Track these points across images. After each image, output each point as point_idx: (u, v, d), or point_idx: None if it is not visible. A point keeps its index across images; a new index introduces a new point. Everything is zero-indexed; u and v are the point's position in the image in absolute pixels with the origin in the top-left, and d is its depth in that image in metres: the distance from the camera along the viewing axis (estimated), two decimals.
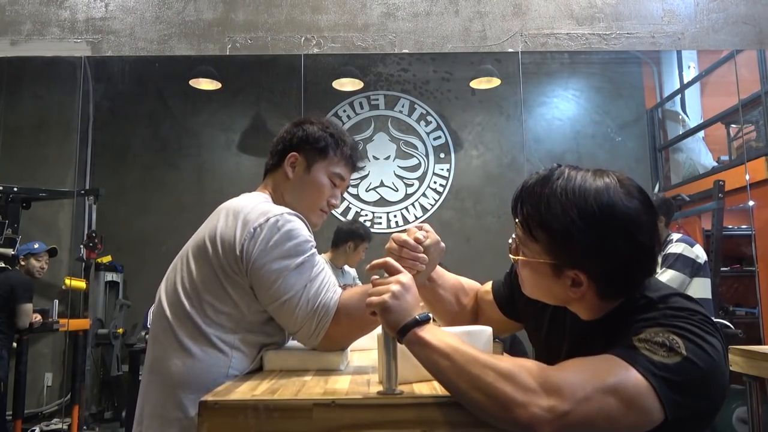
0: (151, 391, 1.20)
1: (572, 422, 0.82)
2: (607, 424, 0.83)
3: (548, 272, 0.99)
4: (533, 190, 0.98)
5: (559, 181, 0.96)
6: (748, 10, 3.80)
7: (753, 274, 4.09)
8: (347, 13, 3.80)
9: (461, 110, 5.30)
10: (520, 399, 0.81)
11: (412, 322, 0.91)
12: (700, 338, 0.88)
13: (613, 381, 0.84)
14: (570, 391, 0.82)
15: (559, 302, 1.05)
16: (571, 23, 3.80)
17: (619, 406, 0.83)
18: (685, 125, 5.18)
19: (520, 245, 1.02)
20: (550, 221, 0.95)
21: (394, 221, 5.20)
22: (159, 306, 1.24)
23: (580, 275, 0.96)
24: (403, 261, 1.15)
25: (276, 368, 1.19)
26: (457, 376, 0.86)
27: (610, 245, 0.93)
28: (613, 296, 0.99)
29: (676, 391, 0.85)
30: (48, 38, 3.77)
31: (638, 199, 0.95)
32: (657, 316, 0.93)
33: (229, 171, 5.16)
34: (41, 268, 4.28)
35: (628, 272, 0.96)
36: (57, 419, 4.67)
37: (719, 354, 0.89)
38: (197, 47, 3.77)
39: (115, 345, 4.86)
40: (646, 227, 0.94)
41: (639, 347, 0.87)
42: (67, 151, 4.93)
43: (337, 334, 1.19)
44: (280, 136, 1.41)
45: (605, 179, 0.95)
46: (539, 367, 0.86)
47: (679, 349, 0.87)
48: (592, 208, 0.93)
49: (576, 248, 0.94)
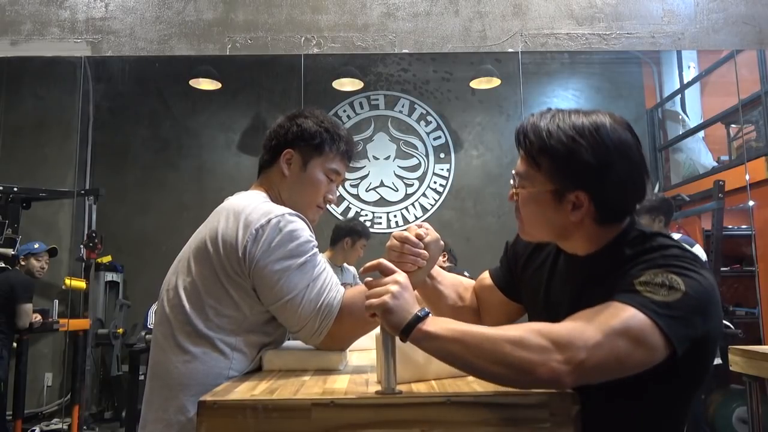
0: (153, 395, 1.20)
1: (589, 368, 0.88)
2: (619, 364, 0.90)
3: (549, 200, 1.06)
4: (534, 122, 1.07)
5: (558, 114, 1.06)
6: (748, 10, 3.80)
7: (753, 274, 4.09)
8: (347, 13, 3.80)
9: (461, 110, 5.30)
10: (537, 359, 0.87)
11: (415, 320, 0.92)
12: (695, 272, 0.97)
13: (620, 324, 0.90)
14: (582, 341, 0.88)
15: (558, 234, 1.11)
16: (571, 23, 3.80)
17: (629, 346, 0.89)
18: (685, 125, 5.18)
19: (522, 181, 1.09)
20: (554, 145, 1.03)
21: (394, 221, 5.20)
22: (161, 309, 1.24)
23: (581, 196, 1.03)
24: (404, 257, 1.18)
25: (275, 368, 1.19)
26: (473, 356, 0.89)
27: (608, 161, 1.01)
28: (610, 220, 1.07)
29: (680, 325, 0.92)
30: (48, 38, 3.77)
31: (628, 131, 1.06)
32: (655, 257, 1.00)
33: (229, 171, 5.16)
34: (41, 268, 4.28)
35: (625, 192, 1.05)
36: (57, 419, 4.68)
37: (711, 283, 0.98)
38: (197, 47, 3.77)
39: (115, 345, 4.86)
40: (637, 151, 1.05)
41: (641, 290, 0.94)
42: (67, 151, 4.93)
43: (339, 333, 1.19)
44: (273, 131, 1.39)
45: (598, 114, 1.06)
46: (546, 326, 0.91)
47: (679, 286, 0.94)
48: (590, 129, 1.02)
49: (578, 166, 1.02)
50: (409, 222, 5.17)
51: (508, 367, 0.88)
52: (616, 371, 0.91)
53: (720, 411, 4.06)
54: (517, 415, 0.89)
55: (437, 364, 1.00)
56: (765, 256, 4.07)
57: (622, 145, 1.03)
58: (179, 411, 1.14)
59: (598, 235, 1.08)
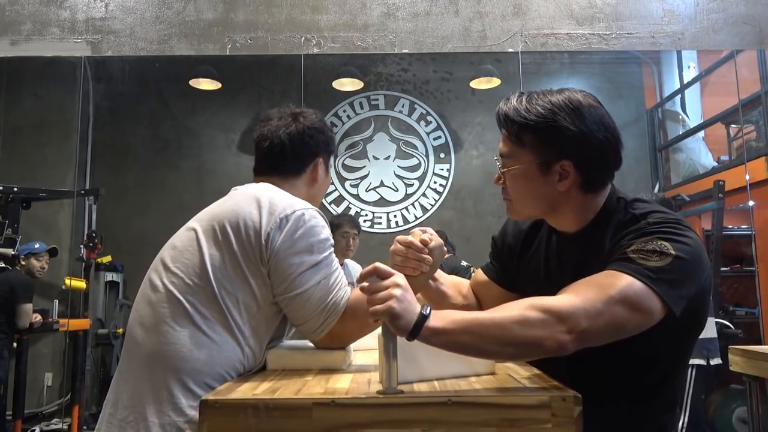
0: (154, 380, 1.13)
1: (591, 335, 0.95)
2: (618, 329, 0.97)
3: (536, 173, 1.12)
4: (512, 103, 1.15)
5: (533, 95, 1.14)
6: (748, 10, 3.80)
7: (753, 274, 4.09)
8: (347, 13, 3.80)
9: (461, 110, 5.30)
10: (543, 334, 0.93)
11: (421, 319, 0.92)
12: (682, 236, 1.04)
13: (618, 292, 0.96)
14: (582, 310, 0.94)
15: (548, 207, 1.16)
16: (571, 23, 3.80)
17: (626, 312, 0.96)
18: (685, 125, 5.18)
19: (507, 160, 1.16)
20: (535, 119, 1.10)
21: (394, 221, 5.20)
22: (168, 294, 1.17)
23: (566, 165, 1.10)
24: (408, 261, 1.20)
25: (278, 367, 1.19)
26: (485, 344, 0.94)
27: (588, 128, 1.09)
28: (594, 187, 1.14)
29: (674, 287, 0.99)
30: (48, 38, 3.77)
31: (598, 103, 1.15)
32: (642, 226, 1.07)
33: (229, 171, 5.16)
34: (42, 268, 4.28)
35: (605, 157, 1.12)
36: (57, 419, 4.68)
37: (697, 242, 1.05)
38: (197, 47, 3.77)
39: (115, 345, 4.85)
40: (609, 119, 1.13)
41: (634, 258, 1.01)
42: (67, 151, 4.93)
43: (340, 332, 1.20)
44: (303, 142, 1.37)
45: (569, 90, 1.14)
46: (546, 300, 0.96)
47: (668, 250, 1.01)
48: (566, 101, 1.11)
49: (560, 136, 1.09)
50: (409, 222, 5.18)
51: (518, 347, 0.94)
52: (616, 335, 0.98)
53: (720, 411, 4.06)
54: (518, 415, 0.89)
55: (439, 364, 1.00)
56: (765, 256, 4.07)
57: (596, 113, 1.11)
58: (188, 395, 1.10)
59: (585, 204, 1.15)
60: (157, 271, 1.23)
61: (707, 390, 3.96)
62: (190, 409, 1.10)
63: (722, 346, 3.29)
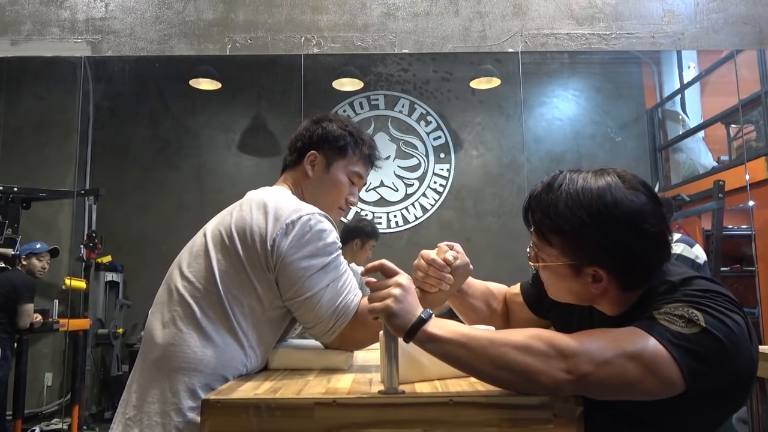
0: (159, 381, 1.15)
1: (592, 382, 0.86)
2: (626, 387, 0.87)
3: (568, 273, 1.02)
4: (540, 198, 1.02)
5: (563, 186, 1.00)
6: (748, 10, 3.80)
7: (753, 274, 4.09)
8: (347, 13, 3.80)
9: (461, 110, 5.30)
10: (540, 367, 0.87)
11: (419, 322, 0.92)
12: (721, 313, 0.90)
13: (632, 347, 0.87)
14: (589, 355, 0.86)
15: (584, 301, 1.08)
16: (571, 23, 3.80)
17: (639, 371, 0.86)
18: (685, 125, 5.18)
19: (538, 252, 1.05)
20: (561, 224, 0.99)
21: (394, 221, 5.20)
22: (179, 297, 1.19)
23: (599, 271, 0.99)
24: (428, 278, 1.18)
25: (280, 367, 1.20)
26: (478, 362, 0.89)
27: (621, 238, 0.96)
28: (634, 287, 1.02)
29: (695, 360, 0.87)
30: (48, 38, 3.77)
31: (642, 192, 0.98)
32: (678, 294, 0.96)
33: (229, 171, 5.16)
34: (42, 268, 4.28)
35: (644, 262, 0.99)
36: (57, 419, 4.67)
37: (742, 329, 0.90)
38: (197, 47, 3.77)
39: (115, 345, 4.85)
40: (652, 217, 0.97)
41: (658, 318, 0.91)
42: (67, 151, 4.93)
43: (350, 336, 1.20)
44: (299, 134, 1.42)
45: (606, 178, 0.99)
46: (555, 334, 0.90)
47: (698, 321, 0.89)
48: (598, 206, 0.96)
49: (589, 245, 0.98)
50: (409, 222, 5.18)
51: (511, 372, 0.88)
52: (622, 393, 0.89)
53: None
54: (519, 415, 0.89)
55: (440, 365, 1.00)
56: (765, 256, 4.07)
57: (634, 218, 0.96)
58: (187, 396, 1.11)
59: (624, 299, 1.04)
60: (173, 275, 1.26)
61: None
62: (191, 411, 1.11)
63: None
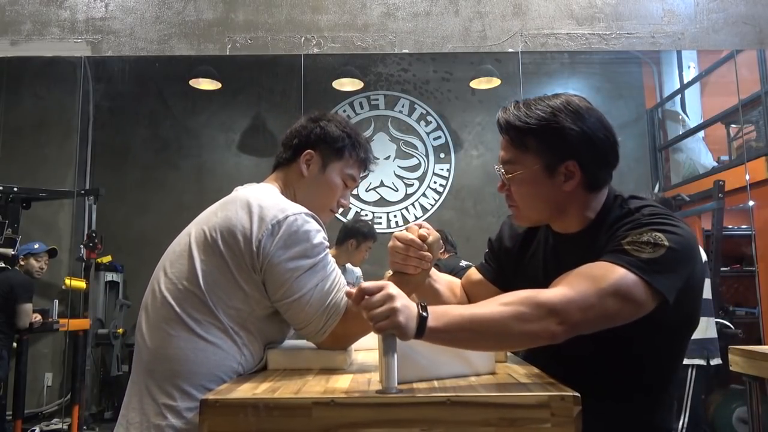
0: (150, 384, 1.16)
1: (582, 325, 1.00)
2: (609, 320, 1.01)
3: (542, 176, 1.14)
4: (513, 112, 1.17)
5: (530, 101, 1.17)
6: (748, 10, 3.80)
7: (753, 274, 4.09)
8: (347, 13, 3.80)
9: (461, 110, 5.30)
10: (537, 329, 0.97)
11: (423, 321, 0.93)
12: (674, 227, 1.07)
13: (611, 285, 1.00)
14: (575, 304, 0.98)
15: (555, 209, 1.18)
16: (571, 23, 3.80)
17: (618, 303, 1.00)
18: (685, 125, 5.18)
19: (511, 166, 1.17)
20: (537, 123, 1.13)
21: (394, 221, 5.20)
22: (162, 299, 1.19)
23: (571, 165, 1.13)
24: (409, 260, 1.20)
25: (279, 367, 1.19)
26: (483, 339, 0.99)
27: (592, 129, 1.13)
28: (598, 185, 1.17)
29: (667, 278, 1.03)
30: (48, 38, 3.77)
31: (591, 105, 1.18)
32: (637, 217, 1.10)
33: (229, 171, 5.17)
34: (40, 269, 4.28)
35: (606, 155, 1.15)
36: (57, 419, 4.68)
37: (689, 233, 1.09)
38: (197, 47, 3.77)
39: (115, 345, 4.86)
40: (605, 117, 1.17)
41: (628, 249, 1.04)
42: (67, 151, 4.93)
43: (342, 333, 1.19)
44: (296, 130, 1.39)
45: (563, 95, 1.18)
46: (541, 295, 1.00)
47: (662, 242, 1.04)
48: (565, 105, 1.14)
49: (564, 137, 1.12)
50: (409, 222, 5.17)
51: (515, 340, 1.01)
52: (606, 324, 1.02)
53: (720, 411, 4.06)
54: (517, 414, 0.89)
55: (438, 364, 1.00)
56: (765, 256, 4.07)
57: (594, 113, 1.15)
58: (181, 396, 1.11)
59: (588, 203, 1.18)
60: (158, 276, 1.24)
61: (707, 390, 3.96)
62: (188, 412, 1.11)
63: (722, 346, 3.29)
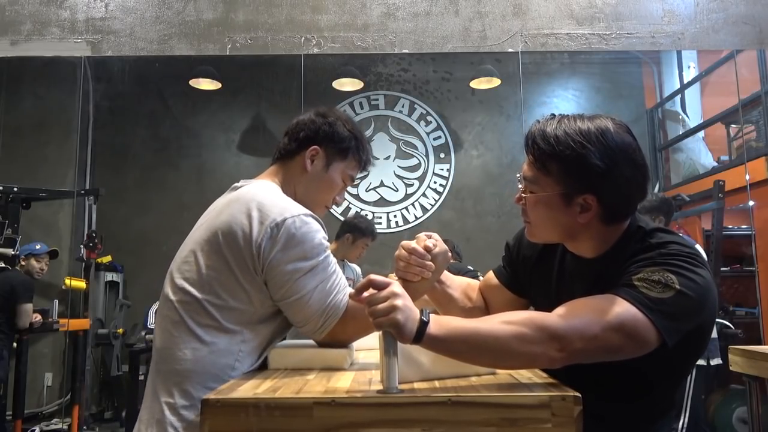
0: (158, 383, 1.19)
1: (581, 355, 0.98)
2: (609, 353, 1.00)
3: (559, 203, 1.11)
4: (542, 128, 1.12)
5: (564, 121, 1.11)
6: (748, 10, 3.80)
7: (753, 274, 4.09)
8: (347, 13, 3.80)
9: (461, 110, 5.30)
10: (537, 351, 0.96)
11: (423, 326, 0.93)
12: (691, 272, 1.03)
13: (615, 319, 0.98)
14: (578, 333, 0.97)
15: (566, 235, 1.16)
16: (571, 23, 3.80)
17: (621, 339, 0.98)
18: (685, 125, 5.18)
19: (531, 185, 1.14)
20: (563, 150, 1.08)
21: (394, 221, 5.20)
22: (167, 301, 1.22)
23: (589, 198, 1.09)
24: (410, 267, 1.21)
25: (280, 366, 1.20)
26: (480, 354, 0.98)
27: (615, 165, 1.07)
28: (616, 220, 1.13)
29: (670, 319, 1.00)
30: (48, 38, 3.77)
31: (629, 134, 1.12)
32: (653, 255, 1.07)
33: (229, 171, 5.16)
34: (41, 269, 4.28)
35: (629, 192, 1.11)
36: (57, 419, 4.67)
37: (708, 283, 1.05)
38: (197, 47, 3.77)
39: (115, 345, 4.85)
40: (639, 153, 1.11)
41: (638, 286, 1.02)
42: (67, 151, 4.93)
43: (340, 332, 1.21)
44: (303, 123, 1.38)
45: (601, 118, 1.12)
46: (545, 319, 0.99)
47: (673, 284, 1.01)
48: (597, 135, 1.08)
49: (587, 170, 1.07)
50: (409, 222, 5.18)
51: (512, 360, 0.99)
52: (606, 357, 1.01)
53: (720, 411, 4.06)
54: (518, 415, 0.89)
55: (439, 364, 1.00)
56: (765, 256, 4.07)
57: (626, 148, 1.08)
58: (183, 397, 1.14)
59: (604, 234, 1.14)
60: (167, 279, 1.27)
61: (707, 390, 3.96)
62: (186, 410, 1.13)
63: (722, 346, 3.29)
